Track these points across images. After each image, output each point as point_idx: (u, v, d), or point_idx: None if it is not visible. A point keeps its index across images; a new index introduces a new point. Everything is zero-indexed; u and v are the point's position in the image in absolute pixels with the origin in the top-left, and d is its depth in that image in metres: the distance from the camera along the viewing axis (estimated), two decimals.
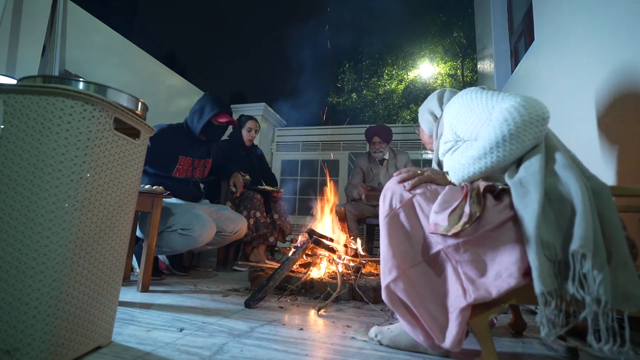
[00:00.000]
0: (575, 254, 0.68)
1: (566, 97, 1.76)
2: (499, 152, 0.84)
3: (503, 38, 3.29)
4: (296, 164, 4.66)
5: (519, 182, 0.79)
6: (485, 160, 0.86)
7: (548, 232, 0.72)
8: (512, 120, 0.82)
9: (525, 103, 0.83)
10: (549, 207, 0.75)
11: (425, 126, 1.24)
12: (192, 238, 1.76)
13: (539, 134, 0.82)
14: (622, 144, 1.25)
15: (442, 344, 0.81)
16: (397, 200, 0.91)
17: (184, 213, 1.81)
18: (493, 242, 0.78)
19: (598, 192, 0.77)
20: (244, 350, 0.88)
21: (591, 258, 0.66)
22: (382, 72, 11.18)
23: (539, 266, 0.69)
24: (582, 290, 0.66)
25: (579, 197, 0.72)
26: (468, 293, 0.78)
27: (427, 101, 1.23)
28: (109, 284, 0.84)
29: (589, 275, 0.66)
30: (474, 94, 0.98)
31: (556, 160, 0.82)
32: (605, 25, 1.42)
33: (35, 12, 2.20)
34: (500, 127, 0.83)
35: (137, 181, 0.91)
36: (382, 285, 0.89)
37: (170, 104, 3.58)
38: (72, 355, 0.74)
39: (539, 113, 0.82)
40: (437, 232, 0.81)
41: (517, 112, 0.82)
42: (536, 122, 0.81)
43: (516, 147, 0.82)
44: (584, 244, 0.67)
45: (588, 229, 0.68)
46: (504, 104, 0.86)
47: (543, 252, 0.70)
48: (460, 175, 0.91)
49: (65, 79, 0.92)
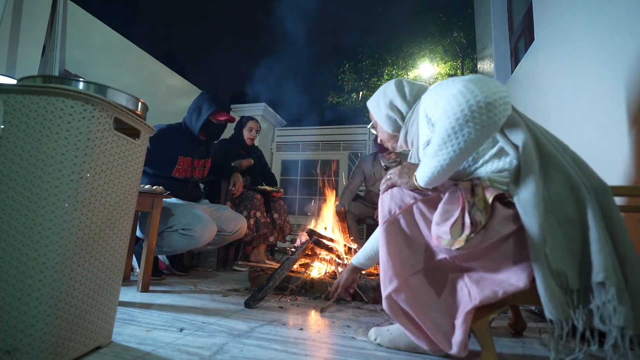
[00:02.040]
0: (598, 285, 0.65)
1: (566, 97, 1.76)
2: (453, 146, 0.75)
3: (503, 38, 3.29)
4: (296, 164, 4.66)
5: (518, 202, 0.75)
6: (438, 158, 0.78)
7: (559, 259, 0.69)
8: (458, 108, 0.72)
9: (471, 86, 0.72)
10: (559, 229, 0.71)
11: (386, 125, 1.10)
12: (193, 238, 1.76)
13: (495, 120, 0.71)
14: (622, 143, 1.25)
15: (450, 352, 0.79)
16: (396, 206, 0.87)
17: (185, 213, 1.81)
18: (501, 250, 0.76)
19: (609, 215, 0.72)
20: (244, 351, 0.88)
21: (615, 288, 0.64)
22: (382, 72, 11.17)
23: (550, 294, 0.67)
24: (604, 322, 0.64)
25: (590, 220, 0.68)
26: (473, 295, 0.77)
27: (382, 94, 1.10)
28: (109, 284, 0.84)
29: (609, 305, 0.64)
30: (442, 83, 0.88)
31: (555, 179, 0.75)
32: (605, 25, 1.42)
33: (35, 12, 2.20)
34: (448, 118, 0.74)
35: (137, 181, 0.91)
36: (382, 295, 0.85)
37: (170, 103, 3.57)
38: (72, 355, 0.74)
39: (489, 93, 0.71)
40: (440, 245, 0.78)
41: (463, 97, 0.72)
42: (487, 103, 0.70)
43: (473, 133, 0.72)
44: (608, 275, 0.64)
45: (607, 258, 0.65)
46: (449, 91, 0.77)
47: (554, 281, 0.68)
48: (422, 174, 0.84)
49: (65, 79, 0.92)
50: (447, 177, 0.82)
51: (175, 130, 2.04)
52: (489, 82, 0.73)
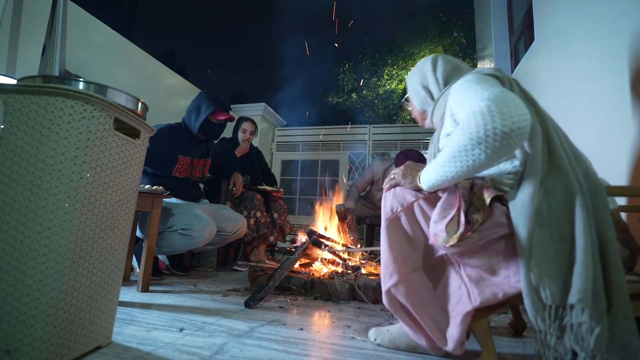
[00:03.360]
0: (574, 306, 0.66)
1: (566, 97, 1.76)
2: (461, 162, 0.75)
3: (503, 38, 3.29)
4: (296, 164, 4.66)
5: (512, 210, 0.75)
6: (445, 169, 0.78)
7: (544, 274, 0.69)
8: (475, 128, 0.71)
9: (494, 108, 0.70)
10: (551, 246, 0.71)
11: (416, 101, 1.10)
12: (193, 238, 1.76)
13: (508, 148, 0.71)
14: (622, 143, 1.25)
15: (445, 348, 0.81)
16: (398, 204, 0.89)
17: (184, 213, 1.81)
18: (499, 249, 0.77)
19: (604, 236, 0.70)
20: (244, 351, 0.88)
21: (589, 311, 0.65)
22: (382, 72, 11.16)
23: (532, 307, 0.69)
24: (576, 342, 0.66)
25: (581, 243, 0.68)
26: (473, 297, 0.78)
27: (417, 71, 1.08)
28: (109, 284, 0.84)
29: (584, 326, 0.65)
30: (470, 84, 0.85)
31: (557, 194, 0.73)
32: (605, 25, 1.42)
33: (35, 12, 2.20)
34: (464, 134, 0.73)
35: (137, 181, 0.91)
36: (382, 289, 0.87)
37: (170, 103, 3.57)
38: (72, 355, 0.74)
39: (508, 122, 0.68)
40: (437, 243, 0.80)
41: (482, 119, 0.70)
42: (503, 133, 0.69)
43: (483, 156, 0.72)
44: (582, 297, 0.65)
45: (588, 280, 0.66)
46: (474, 104, 0.75)
47: (535, 294, 0.69)
48: (427, 179, 0.84)
49: (65, 79, 0.92)
50: (451, 185, 0.83)
51: (174, 129, 2.04)
52: (513, 105, 0.70)
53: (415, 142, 4.20)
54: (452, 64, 1.04)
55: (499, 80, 0.86)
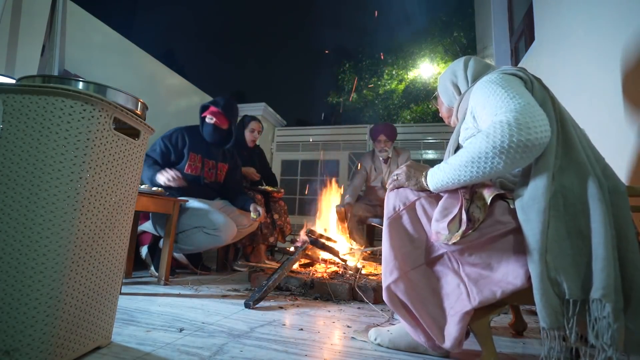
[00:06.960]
0: (596, 301, 0.66)
1: (566, 97, 1.75)
2: (479, 168, 0.75)
3: (503, 38, 3.29)
4: (296, 164, 4.66)
5: (520, 206, 0.75)
6: (459, 173, 0.79)
7: (561, 268, 0.69)
8: (499, 138, 0.72)
9: (521, 122, 0.71)
10: (567, 240, 0.70)
11: (444, 98, 1.11)
12: (219, 238, 1.91)
13: (526, 159, 0.73)
14: (622, 143, 1.25)
15: (443, 345, 0.81)
16: (401, 202, 0.91)
17: (209, 213, 1.93)
18: (499, 246, 0.78)
19: (624, 234, 0.71)
20: (243, 351, 0.88)
21: (611, 306, 0.64)
22: (382, 72, 11.16)
23: (545, 302, 0.68)
24: (597, 337, 0.65)
25: (601, 238, 0.67)
26: (472, 296, 0.78)
27: (450, 69, 1.09)
28: (109, 284, 0.84)
29: (603, 321, 0.65)
30: (494, 87, 0.83)
31: (575, 189, 0.73)
32: (605, 25, 1.42)
33: (35, 11, 2.20)
34: (487, 142, 0.74)
35: (137, 181, 0.91)
36: (383, 285, 0.89)
37: (169, 103, 3.57)
38: (72, 355, 0.74)
39: (532, 137, 0.70)
40: (439, 241, 0.81)
41: (508, 129, 0.71)
42: (525, 146, 0.70)
43: (501, 165, 0.73)
44: (606, 293, 0.65)
45: (610, 276, 0.66)
46: (499, 112, 0.76)
47: (552, 289, 0.68)
48: (435, 180, 0.85)
49: (65, 78, 0.92)
50: (459, 187, 0.83)
51: (189, 130, 2.17)
52: (538, 119, 0.72)
53: (416, 142, 4.19)
54: (483, 64, 1.05)
55: (522, 80, 0.85)
